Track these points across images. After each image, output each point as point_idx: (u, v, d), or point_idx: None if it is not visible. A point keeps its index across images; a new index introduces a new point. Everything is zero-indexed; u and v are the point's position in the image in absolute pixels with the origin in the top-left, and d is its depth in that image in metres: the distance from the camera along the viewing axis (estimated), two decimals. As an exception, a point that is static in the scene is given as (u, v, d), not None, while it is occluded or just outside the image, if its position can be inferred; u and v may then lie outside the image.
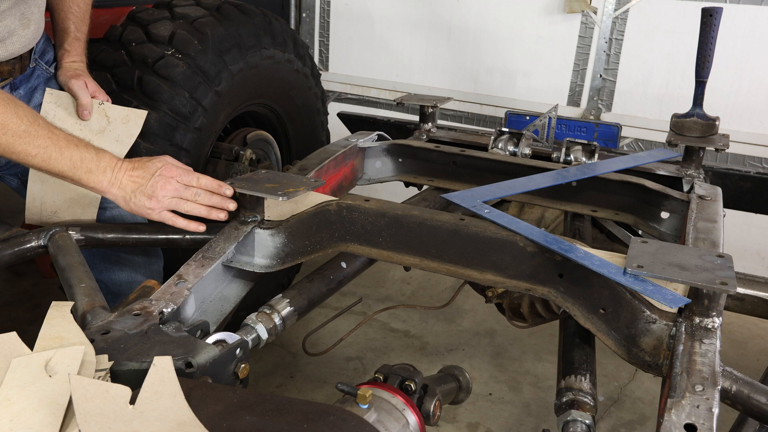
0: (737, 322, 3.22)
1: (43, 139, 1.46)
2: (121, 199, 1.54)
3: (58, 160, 1.48)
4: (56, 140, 1.48)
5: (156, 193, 1.53)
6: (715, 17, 2.20)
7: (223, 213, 1.56)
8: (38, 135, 1.45)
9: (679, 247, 1.38)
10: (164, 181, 1.53)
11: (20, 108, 1.45)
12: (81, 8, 1.91)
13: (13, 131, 1.43)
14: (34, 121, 1.46)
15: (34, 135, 1.45)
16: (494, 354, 3.00)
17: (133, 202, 1.54)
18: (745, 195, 2.35)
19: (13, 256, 1.65)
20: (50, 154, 1.47)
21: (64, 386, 0.98)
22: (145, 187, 1.53)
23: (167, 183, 1.53)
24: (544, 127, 2.42)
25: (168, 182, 1.53)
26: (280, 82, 2.61)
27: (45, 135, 1.46)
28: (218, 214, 1.56)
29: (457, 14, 3.79)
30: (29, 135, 1.44)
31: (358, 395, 1.13)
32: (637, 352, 1.30)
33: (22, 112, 1.45)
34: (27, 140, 1.44)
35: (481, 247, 1.50)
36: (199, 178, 1.57)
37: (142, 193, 1.53)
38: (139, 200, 1.53)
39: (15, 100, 1.47)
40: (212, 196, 1.56)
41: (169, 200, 1.54)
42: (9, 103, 1.44)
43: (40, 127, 1.47)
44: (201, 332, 1.28)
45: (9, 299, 3.22)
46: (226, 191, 1.56)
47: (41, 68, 1.84)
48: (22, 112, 1.45)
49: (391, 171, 2.26)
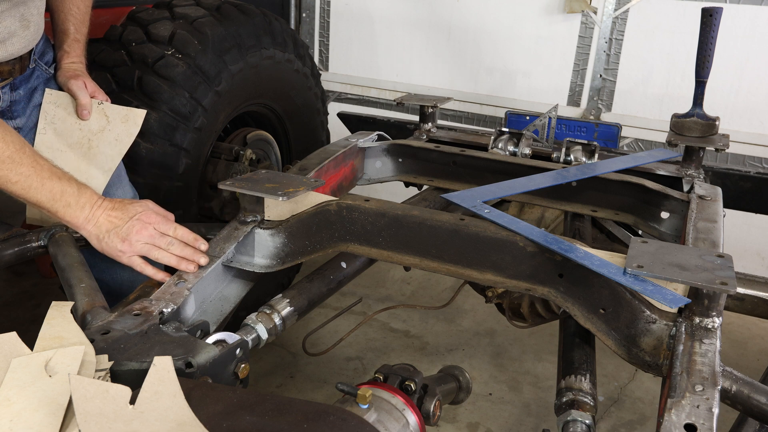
0: (737, 322, 3.22)
1: (27, 168, 1.43)
2: (94, 238, 1.51)
3: (38, 190, 1.45)
4: (40, 170, 1.45)
5: (130, 236, 1.49)
6: (715, 17, 2.20)
7: (193, 265, 1.50)
8: (22, 163, 1.43)
9: (679, 247, 1.38)
10: (141, 226, 1.50)
11: (8, 134, 1.43)
12: (81, 10, 1.91)
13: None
14: (20, 149, 1.43)
15: (18, 162, 1.42)
16: (494, 354, 3.00)
17: (105, 242, 1.50)
18: (745, 195, 2.35)
19: (13, 256, 1.65)
20: (31, 183, 1.44)
21: (64, 386, 0.98)
22: (121, 228, 1.50)
23: (143, 228, 1.50)
24: (544, 127, 2.42)
25: (144, 227, 1.50)
26: (280, 82, 2.61)
27: (29, 164, 1.44)
28: (188, 265, 1.50)
29: (457, 14, 3.79)
30: (13, 162, 1.42)
31: (358, 395, 1.13)
32: (637, 352, 1.30)
33: (9, 138, 1.42)
34: (10, 167, 1.42)
35: (481, 247, 1.50)
36: (176, 228, 1.53)
37: (116, 234, 1.50)
38: (112, 241, 1.50)
39: (4, 125, 1.44)
40: (185, 248, 1.52)
41: (141, 245, 1.51)
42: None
43: (26, 155, 1.44)
44: (201, 332, 1.28)
45: (9, 299, 3.22)
46: (201, 245, 1.53)
47: (41, 69, 1.85)
48: (10, 138, 1.42)
49: (391, 171, 2.26)
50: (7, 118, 1.76)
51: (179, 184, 2.17)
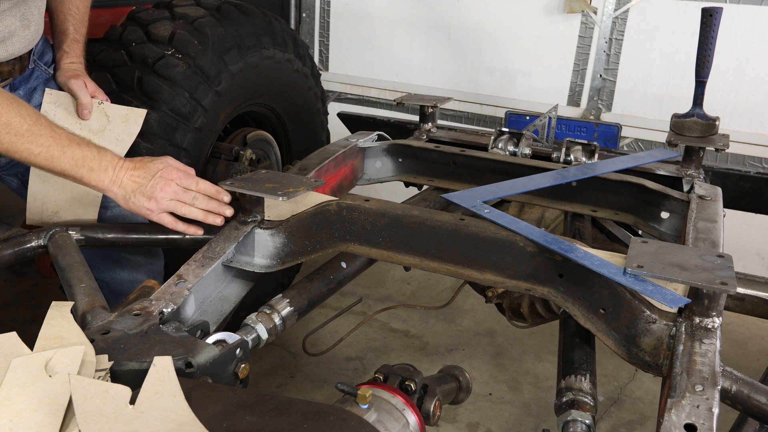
0: (737, 322, 3.22)
1: (46, 138, 1.47)
2: (121, 198, 1.56)
3: (60, 159, 1.49)
4: (59, 139, 1.49)
5: (155, 194, 1.54)
6: (715, 17, 2.20)
7: (220, 218, 1.58)
8: (41, 134, 1.46)
9: (679, 247, 1.38)
10: (164, 183, 1.54)
11: (23, 107, 1.46)
12: (80, 10, 1.91)
13: (17, 130, 1.44)
14: (36, 120, 1.47)
15: (36, 134, 1.46)
16: (494, 354, 3.00)
17: (133, 201, 1.55)
18: (745, 195, 2.35)
19: (13, 256, 1.65)
20: (53, 152, 1.48)
21: (64, 386, 0.98)
22: (145, 187, 1.54)
23: (167, 185, 1.55)
24: (544, 127, 2.42)
25: (168, 184, 1.55)
26: (280, 82, 2.61)
27: (47, 134, 1.47)
28: (215, 218, 1.58)
29: (457, 14, 3.79)
30: (32, 134, 1.45)
31: (358, 395, 1.13)
32: (637, 352, 1.30)
33: (25, 111, 1.45)
34: (30, 139, 1.45)
35: (481, 247, 1.50)
36: (198, 182, 1.58)
37: (141, 193, 1.54)
38: (139, 200, 1.55)
39: (17, 100, 1.48)
40: (210, 201, 1.58)
41: (167, 202, 1.55)
42: (12, 103, 1.45)
43: (43, 126, 1.48)
44: (201, 332, 1.28)
45: (9, 299, 3.22)
46: (224, 197, 1.58)
47: (40, 69, 1.85)
48: (25, 111, 1.46)
49: (391, 171, 2.26)
50: (6, 118, 1.76)
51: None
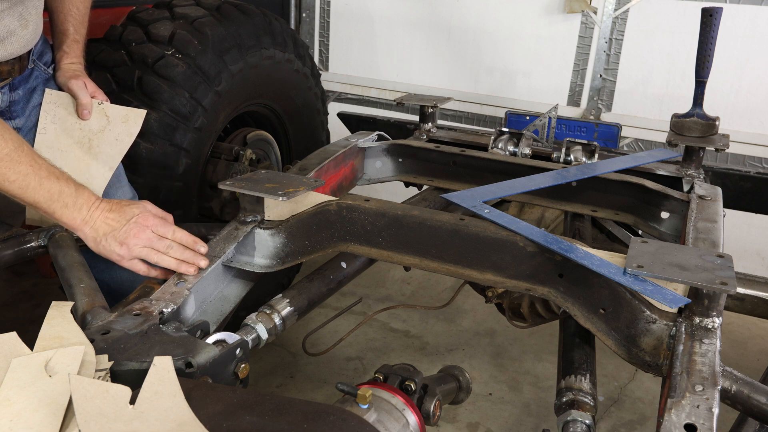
0: (737, 322, 3.22)
1: (25, 166, 1.42)
2: (92, 240, 1.49)
3: (36, 190, 1.43)
4: (38, 169, 1.43)
5: (128, 240, 1.47)
6: (715, 17, 2.20)
7: (193, 268, 1.48)
8: (20, 161, 1.41)
9: (679, 247, 1.38)
10: (138, 229, 1.48)
11: (6, 132, 1.41)
12: (80, 11, 1.91)
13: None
14: (18, 147, 1.42)
15: (16, 160, 1.41)
16: (494, 354, 3.00)
17: (103, 245, 1.49)
18: (745, 195, 2.35)
19: (13, 256, 1.65)
20: (29, 182, 1.42)
21: (64, 386, 0.98)
22: (119, 231, 1.48)
23: (141, 231, 1.48)
24: (544, 127, 2.42)
25: (142, 231, 1.48)
26: (280, 82, 2.61)
27: (27, 162, 1.42)
28: (188, 268, 1.48)
29: (457, 14, 3.79)
30: (11, 160, 1.40)
31: (358, 395, 1.13)
32: (637, 352, 1.30)
33: (8, 136, 1.41)
34: (8, 165, 1.40)
35: (481, 247, 1.50)
36: (175, 231, 1.51)
37: (114, 237, 1.48)
38: (110, 244, 1.48)
39: (2, 124, 1.43)
40: (185, 251, 1.49)
41: (140, 249, 1.48)
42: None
43: (24, 153, 1.42)
44: (201, 332, 1.28)
45: (9, 299, 3.22)
46: (200, 248, 1.51)
47: (39, 69, 1.85)
48: (8, 135, 1.41)
49: (391, 171, 2.26)
50: (6, 118, 1.76)
51: (179, 184, 2.18)
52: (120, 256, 1.48)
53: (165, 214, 1.55)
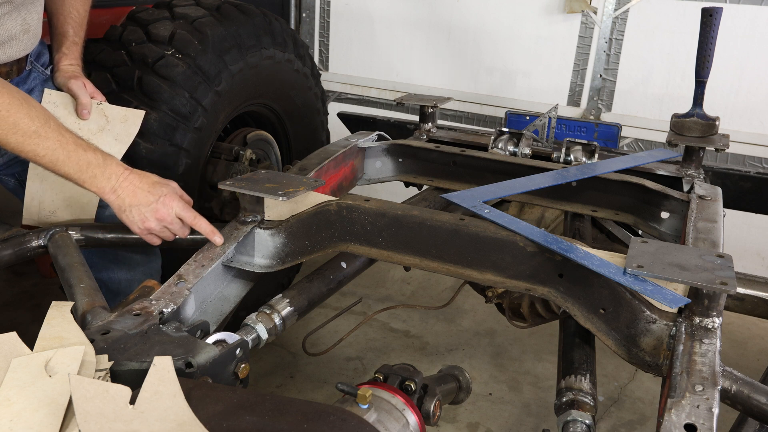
0: (737, 322, 3.22)
1: (52, 141, 1.47)
2: (117, 208, 1.56)
3: (65, 163, 1.49)
4: (65, 143, 1.49)
5: (152, 217, 1.55)
6: (715, 17, 2.20)
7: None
8: (48, 137, 1.47)
9: (679, 247, 1.38)
10: (164, 211, 1.55)
11: (33, 108, 1.47)
12: (80, 13, 1.92)
13: (24, 131, 1.44)
14: (45, 123, 1.47)
15: (44, 136, 1.46)
16: (494, 354, 3.00)
17: (126, 215, 1.55)
18: (745, 195, 2.35)
19: (13, 256, 1.65)
20: (58, 156, 1.48)
21: (64, 386, 0.98)
22: (145, 207, 1.55)
23: (166, 213, 1.55)
24: (544, 127, 2.42)
25: (167, 212, 1.56)
26: (280, 82, 2.61)
27: (55, 137, 1.48)
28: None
29: (457, 14, 3.79)
30: (39, 136, 1.46)
31: (358, 395, 1.13)
32: (637, 352, 1.30)
33: (34, 113, 1.46)
34: (36, 141, 1.46)
35: (481, 247, 1.50)
36: (196, 217, 1.58)
37: (138, 211, 1.55)
38: (133, 217, 1.55)
39: (29, 100, 1.48)
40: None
41: (160, 229, 1.57)
42: (23, 103, 1.45)
43: (51, 129, 1.48)
44: (201, 332, 1.28)
45: (9, 299, 3.22)
46: (217, 239, 1.56)
47: (37, 70, 1.85)
48: (35, 112, 1.46)
49: (391, 171, 2.26)
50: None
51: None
52: (140, 229, 1.57)
53: (189, 199, 1.63)
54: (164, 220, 1.56)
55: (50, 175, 1.80)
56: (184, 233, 1.60)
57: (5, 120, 1.42)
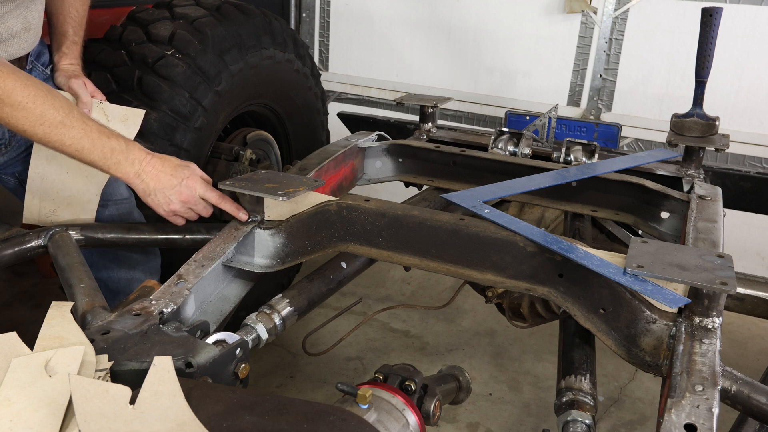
0: (737, 322, 3.22)
1: (77, 131, 1.50)
2: (142, 192, 1.61)
3: (90, 151, 1.53)
4: (89, 131, 1.52)
5: (175, 200, 1.61)
6: (715, 17, 2.20)
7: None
8: (73, 126, 1.50)
9: (679, 247, 1.38)
10: (188, 193, 1.61)
11: (57, 99, 1.49)
12: (80, 13, 1.92)
13: (51, 122, 1.47)
14: (69, 113, 1.50)
15: (69, 126, 1.49)
16: (494, 354, 3.00)
17: (152, 198, 1.61)
18: (745, 195, 2.35)
19: (13, 256, 1.65)
20: (83, 145, 1.51)
21: (64, 386, 0.98)
22: (169, 191, 1.60)
23: (190, 195, 1.61)
24: (544, 127, 2.42)
25: (191, 195, 1.62)
26: (280, 82, 2.61)
27: (79, 126, 1.51)
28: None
29: (457, 14, 3.79)
30: (65, 126, 1.48)
31: (358, 395, 1.13)
32: (637, 352, 1.30)
33: (58, 104, 1.49)
34: (62, 131, 1.48)
35: (481, 247, 1.50)
36: (221, 198, 1.63)
37: (163, 194, 1.60)
38: (159, 200, 1.61)
39: (52, 91, 1.51)
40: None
41: (185, 210, 1.63)
42: (47, 95, 1.47)
43: (75, 118, 1.51)
44: (201, 332, 1.28)
45: (9, 299, 3.22)
46: (242, 215, 1.62)
47: (37, 70, 1.85)
48: (59, 103, 1.49)
49: (391, 171, 2.26)
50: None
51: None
52: (165, 211, 1.63)
53: (208, 178, 1.68)
54: (188, 201, 1.61)
55: (50, 175, 1.80)
56: (208, 212, 1.65)
57: (32, 112, 1.44)
